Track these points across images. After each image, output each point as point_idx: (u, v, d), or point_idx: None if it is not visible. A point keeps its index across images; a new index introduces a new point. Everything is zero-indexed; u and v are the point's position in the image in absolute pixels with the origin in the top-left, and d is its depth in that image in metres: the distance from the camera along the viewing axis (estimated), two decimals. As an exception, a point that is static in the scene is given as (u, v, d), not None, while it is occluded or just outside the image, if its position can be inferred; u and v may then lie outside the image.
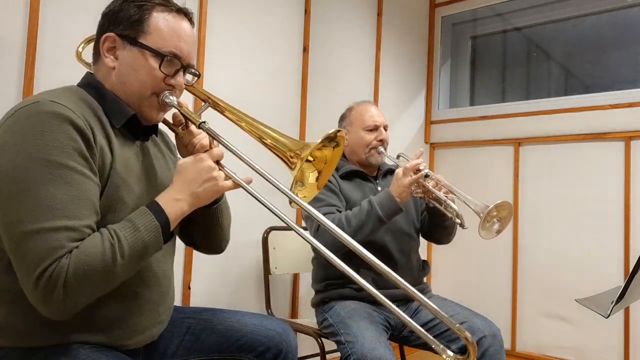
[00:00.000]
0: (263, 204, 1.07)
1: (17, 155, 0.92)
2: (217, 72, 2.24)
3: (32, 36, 1.68)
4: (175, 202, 1.04)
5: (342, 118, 2.07)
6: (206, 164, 1.07)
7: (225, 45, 2.29)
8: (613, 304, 1.22)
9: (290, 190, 1.08)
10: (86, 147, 0.97)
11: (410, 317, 1.80)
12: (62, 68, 1.72)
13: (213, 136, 1.14)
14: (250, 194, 1.08)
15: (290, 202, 1.07)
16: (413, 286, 1.91)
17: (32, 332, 0.99)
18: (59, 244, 0.90)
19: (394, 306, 0.96)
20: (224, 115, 1.20)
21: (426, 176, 1.75)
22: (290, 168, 1.09)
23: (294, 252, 2.28)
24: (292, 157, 1.09)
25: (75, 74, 1.19)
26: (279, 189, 1.05)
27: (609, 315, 1.25)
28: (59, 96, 0.99)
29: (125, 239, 0.96)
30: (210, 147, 1.15)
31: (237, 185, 1.10)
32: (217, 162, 1.10)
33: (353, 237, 1.69)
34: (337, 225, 1.71)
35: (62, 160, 0.93)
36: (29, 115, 0.95)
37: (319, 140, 1.09)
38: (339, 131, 1.12)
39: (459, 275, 3.32)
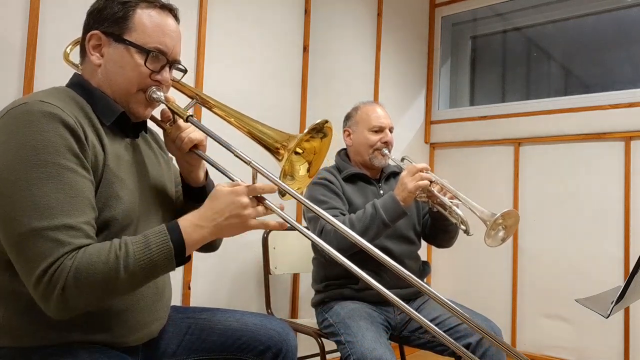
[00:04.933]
0: (302, 233, 1.06)
1: (9, 156, 0.92)
2: (217, 71, 2.24)
3: (32, 36, 1.68)
4: (196, 228, 1.00)
5: (348, 117, 2.05)
6: (239, 200, 1.01)
7: (225, 45, 2.29)
8: (613, 304, 1.22)
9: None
10: (77, 144, 0.97)
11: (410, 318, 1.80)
12: (62, 68, 1.71)
13: (200, 128, 1.14)
14: (295, 228, 1.05)
15: (282, 195, 1.07)
16: (413, 287, 1.92)
17: (32, 331, 0.99)
18: (59, 242, 0.90)
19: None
20: (213, 111, 1.21)
21: (431, 181, 1.74)
22: (278, 159, 1.09)
23: (294, 252, 2.28)
24: (278, 149, 1.10)
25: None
26: (268, 179, 1.05)
27: (609, 315, 1.25)
28: (48, 96, 0.99)
29: (133, 254, 0.94)
30: (203, 144, 1.16)
31: (266, 225, 1.05)
32: (259, 198, 1.04)
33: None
34: (340, 229, 1.71)
35: (55, 159, 0.93)
36: (19, 115, 0.95)
37: (306, 130, 1.10)
38: (325, 122, 1.12)
39: (459, 275, 3.31)
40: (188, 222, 1.01)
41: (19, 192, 0.91)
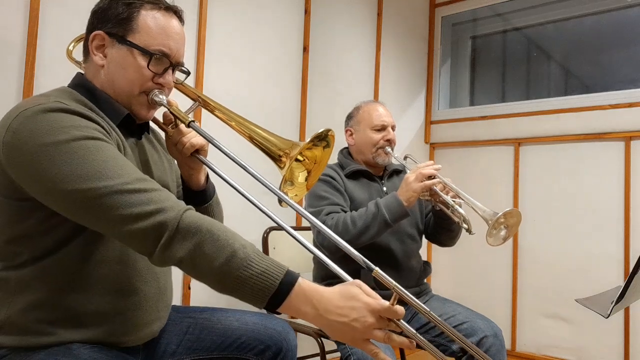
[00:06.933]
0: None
1: (45, 147, 0.91)
2: (217, 71, 2.24)
3: (32, 36, 1.68)
4: (306, 301, 0.91)
5: (350, 117, 2.04)
6: (369, 318, 0.89)
7: (225, 45, 2.29)
8: (613, 304, 1.22)
9: (280, 189, 1.07)
10: (103, 132, 0.99)
11: (411, 317, 1.80)
12: (62, 68, 1.72)
13: (201, 134, 1.14)
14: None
15: (280, 202, 1.07)
16: (414, 287, 1.92)
17: (33, 331, 0.99)
18: (137, 190, 0.92)
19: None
20: (214, 114, 1.20)
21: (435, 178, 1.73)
22: (280, 167, 1.09)
23: (294, 252, 2.27)
24: (281, 156, 1.09)
25: (75, 73, 1.19)
26: (268, 188, 1.04)
27: (609, 315, 1.25)
28: (58, 97, 0.99)
29: (249, 251, 0.92)
30: (204, 149, 1.16)
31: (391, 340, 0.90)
32: (390, 319, 0.90)
33: (358, 238, 1.71)
34: (341, 225, 1.72)
35: (89, 134, 0.94)
36: (37, 113, 0.94)
37: (309, 139, 1.09)
38: (329, 130, 1.12)
39: (459, 275, 3.31)
40: (307, 290, 0.93)
41: (72, 166, 0.91)
